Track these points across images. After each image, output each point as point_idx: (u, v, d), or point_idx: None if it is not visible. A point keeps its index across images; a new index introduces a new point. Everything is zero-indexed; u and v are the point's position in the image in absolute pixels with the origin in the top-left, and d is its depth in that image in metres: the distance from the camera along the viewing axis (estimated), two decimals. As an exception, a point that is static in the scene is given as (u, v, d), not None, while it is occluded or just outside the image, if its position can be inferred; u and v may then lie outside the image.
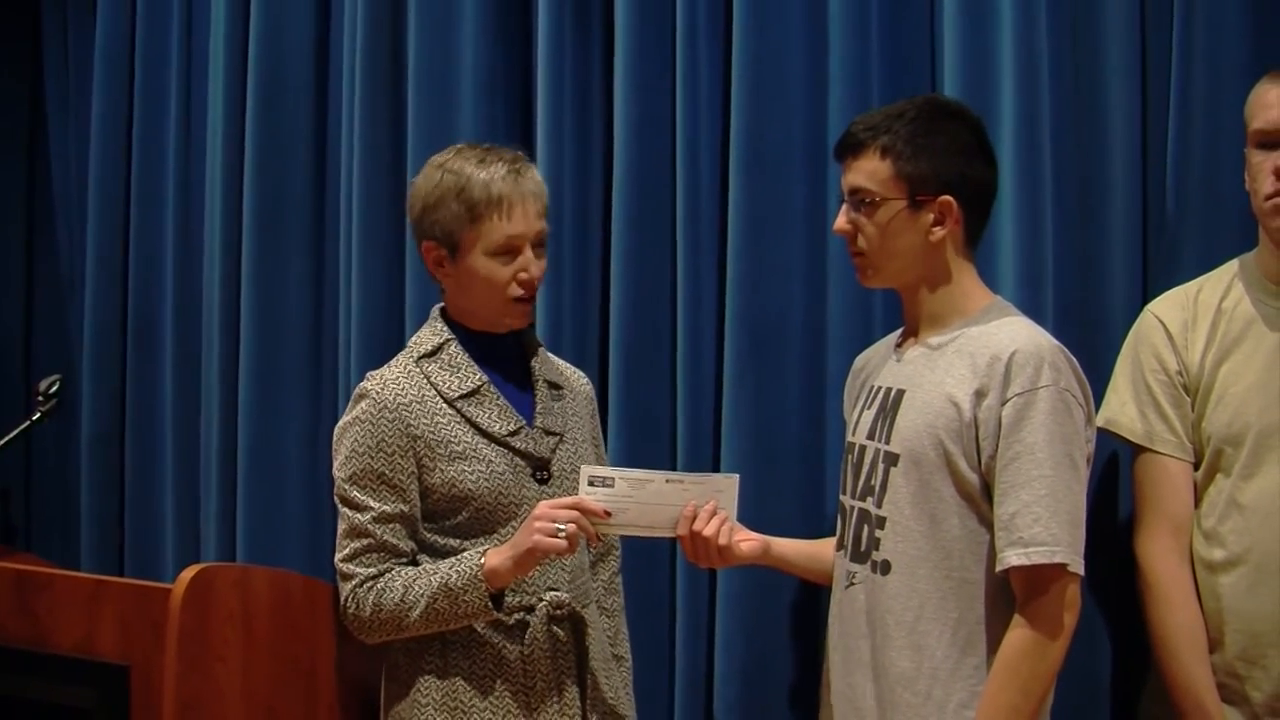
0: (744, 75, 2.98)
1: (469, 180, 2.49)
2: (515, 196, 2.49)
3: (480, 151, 2.54)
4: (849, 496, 2.47)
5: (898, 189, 2.37)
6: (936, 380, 2.36)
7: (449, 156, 2.55)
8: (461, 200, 2.49)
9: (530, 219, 2.51)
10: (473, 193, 2.48)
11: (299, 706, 2.61)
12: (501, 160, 2.51)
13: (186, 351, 3.75)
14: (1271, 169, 2.36)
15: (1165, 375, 2.51)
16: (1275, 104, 2.36)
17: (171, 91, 3.81)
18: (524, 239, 2.50)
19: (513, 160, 2.53)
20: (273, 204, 3.56)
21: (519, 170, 2.51)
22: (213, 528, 3.62)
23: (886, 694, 2.36)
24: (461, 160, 2.52)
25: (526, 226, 2.50)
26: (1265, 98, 2.38)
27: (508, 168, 2.50)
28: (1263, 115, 2.38)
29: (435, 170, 2.54)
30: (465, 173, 2.50)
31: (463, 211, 2.49)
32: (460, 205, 2.49)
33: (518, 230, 2.49)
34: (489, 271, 2.50)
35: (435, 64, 3.32)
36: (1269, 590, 2.39)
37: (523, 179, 2.51)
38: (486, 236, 2.49)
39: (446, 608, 2.42)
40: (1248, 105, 2.43)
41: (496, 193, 2.48)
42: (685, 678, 3.03)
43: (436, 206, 2.51)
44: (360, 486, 2.48)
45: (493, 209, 2.48)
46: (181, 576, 2.49)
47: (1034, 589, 2.25)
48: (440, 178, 2.52)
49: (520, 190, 2.50)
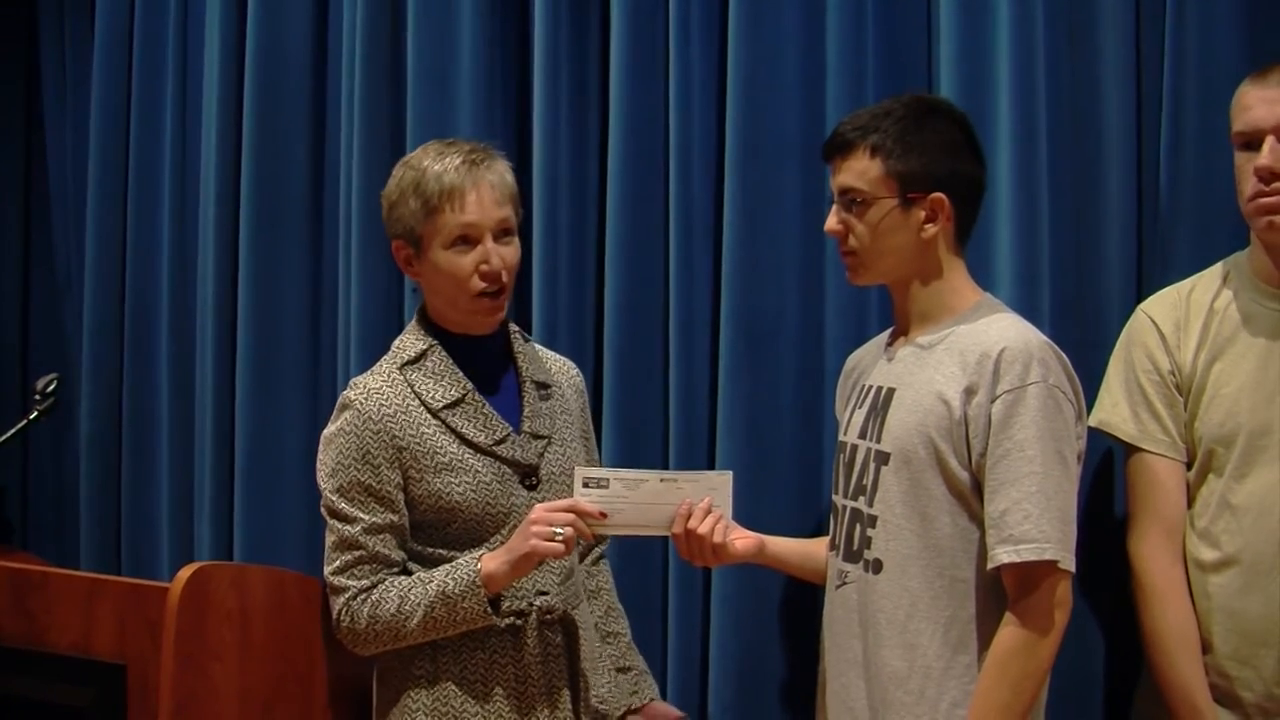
0: (739, 73, 2.99)
1: (424, 174, 2.48)
2: (467, 184, 2.46)
3: (442, 145, 2.53)
4: (841, 496, 2.48)
5: (888, 188, 2.37)
6: (926, 378, 2.36)
7: (415, 154, 2.55)
8: (418, 195, 2.47)
9: (486, 206, 2.47)
10: (427, 186, 2.47)
11: (295, 705, 2.61)
12: (459, 152, 2.49)
13: (183, 350, 3.75)
14: (1253, 170, 2.36)
15: (1158, 375, 2.51)
16: (1253, 105, 2.37)
17: (168, 91, 3.81)
18: (480, 228, 2.47)
19: (471, 150, 2.50)
20: (270, 203, 3.57)
21: (475, 160, 2.48)
22: (208, 527, 3.62)
23: (879, 693, 2.36)
24: (422, 155, 2.52)
25: (481, 215, 2.47)
26: (1244, 100, 2.39)
27: (463, 158, 2.48)
28: (1241, 117, 2.39)
29: (400, 168, 2.54)
30: (422, 166, 2.49)
31: (419, 206, 2.47)
32: (417, 200, 2.48)
33: (471, 219, 2.46)
34: (450, 265, 2.48)
35: (434, 62, 3.32)
36: (1260, 590, 2.40)
37: (478, 168, 2.48)
38: (443, 229, 2.47)
39: (444, 615, 2.42)
40: (1231, 107, 2.43)
41: (449, 183, 2.46)
42: (679, 678, 3.02)
43: (398, 203, 2.51)
44: (348, 499, 2.47)
45: (444, 200, 2.46)
46: (179, 575, 2.48)
47: (1025, 586, 2.26)
48: (403, 174, 2.52)
49: (474, 178, 2.47)
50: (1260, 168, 2.34)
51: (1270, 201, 2.35)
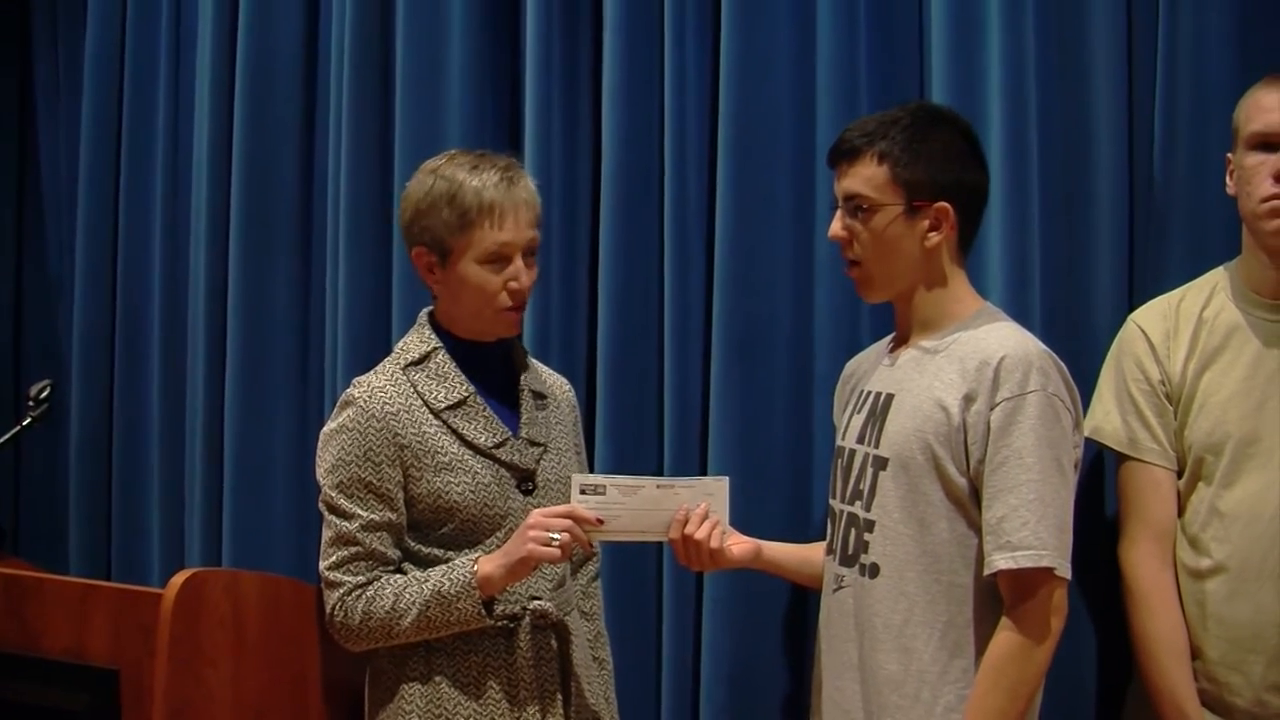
0: (732, 79, 2.99)
1: (461, 187, 2.47)
2: (507, 204, 2.47)
3: (474, 158, 2.52)
4: (838, 500, 2.48)
5: (894, 194, 2.38)
6: (925, 385, 2.37)
7: (442, 162, 2.53)
8: (453, 207, 2.47)
9: (522, 227, 2.49)
10: (465, 199, 2.47)
11: (288, 710, 2.61)
12: (495, 167, 2.50)
13: (173, 355, 3.74)
14: (1270, 171, 2.37)
15: (1148, 384, 2.52)
16: (1274, 108, 2.38)
17: (160, 96, 3.80)
18: (515, 247, 2.49)
19: (506, 167, 2.51)
20: (260, 206, 3.56)
21: (512, 178, 2.50)
22: (198, 531, 3.61)
23: (874, 697, 2.37)
24: (454, 166, 2.51)
25: (517, 235, 2.49)
26: (1264, 101, 2.40)
27: (500, 175, 2.49)
28: (1261, 118, 2.39)
29: (428, 176, 2.52)
30: (458, 179, 2.48)
31: (454, 218, 2.47)
32: (452, 212, 2.47)
33: (509, 238, 2.48)
34: (479, 279, 2.49)
35: (423, 64, 3.32)
36: (1249, 597, 2.41)
37: (515, 187, 2.49)
38: (478, 244, 2.47)
39: (439, 615, 2.43)
40: (1241, 109, 2.44)
41: (489, 200, 2.46)
42: (672, 682, 3.02)
43: (428, 213, 2.49)
44: (347, 495, 2.47)
45: (484, 216, 2.46)
46: (173, 581, 2.49)
47: (1021, 593, 2.27)
48: (433, 183, 2.50)
49: (513, 198, 2.48)
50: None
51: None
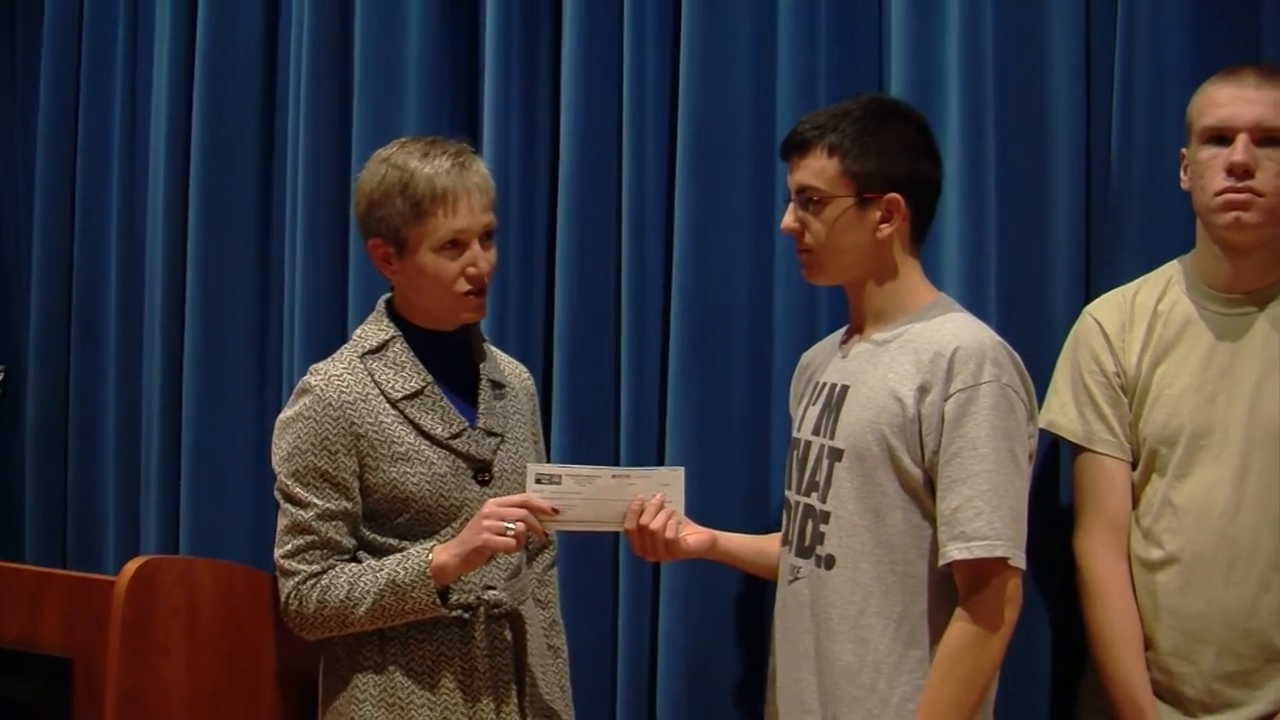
0: (692, 71, 2.99)
1: (413, 176, 2.45)
2: (460, 190, 2.46)
3: (424, 145, 2.51)
4: (794, 492, 2.49)
5: (845, 187, 2.38)
6: (880, 376, 2.38)
7: (393, 151, 2.51)
8: (406, 197, 2.45)
9: (476, 213, 2.48)
10: (417, 188, 2.45)
11: (242, 699, 2.60)
12: (445, 153, 2.48)
13: (130, 343, 3.72)
14: (1223, 166, 2.38)
15: (1103, 376, 2.54)
16: (1227, 102, 2.39)
17: (117, 82, 3.78)
18: (470, 233, 2.47)
19: (457, 153, 2.49)
20: (218, 196, 3.54)
21: (464, 163, 2.48)
22: (154, 519, 3.59)
23: (830, 688, 2.37)
24: (405, 154, 2.49)
25: (472, 221, 2.47)
26: (1217, 96, 2.41)
27: (452, 161, 2.47)
28: (1213, 113, 2.40)
29: (379, 165, 2.51)
30: (409, 168, 2.46)
31: (407, 208, 2.45)
32: (405, 202, 2.45)
33: (463, 225, 2.46)
34: (437, 268, 2.48)
35: (381, 56, 3.30)
36: (1201, 588, 2.42)
37: (468, 172, 2.48)
38: (433, 233, 2.46)
39: (393, 604, 2.42)
40: (1195, 104, 2.46)
41: (441, 187, 2.45)
42: (628, 673, 3.02)
43: (381, 203, 2.48)
44: (303, 483, 2.46)
45: (437, 205, 2.45)
46: (126, 568, 2.48)
47: (975, 583, 2.28)
48: (384, 173, 2.48)
49: (466, 184, 2.46)
50: (1235, 164, 2.37)
51: (1239, 198, 2.38)
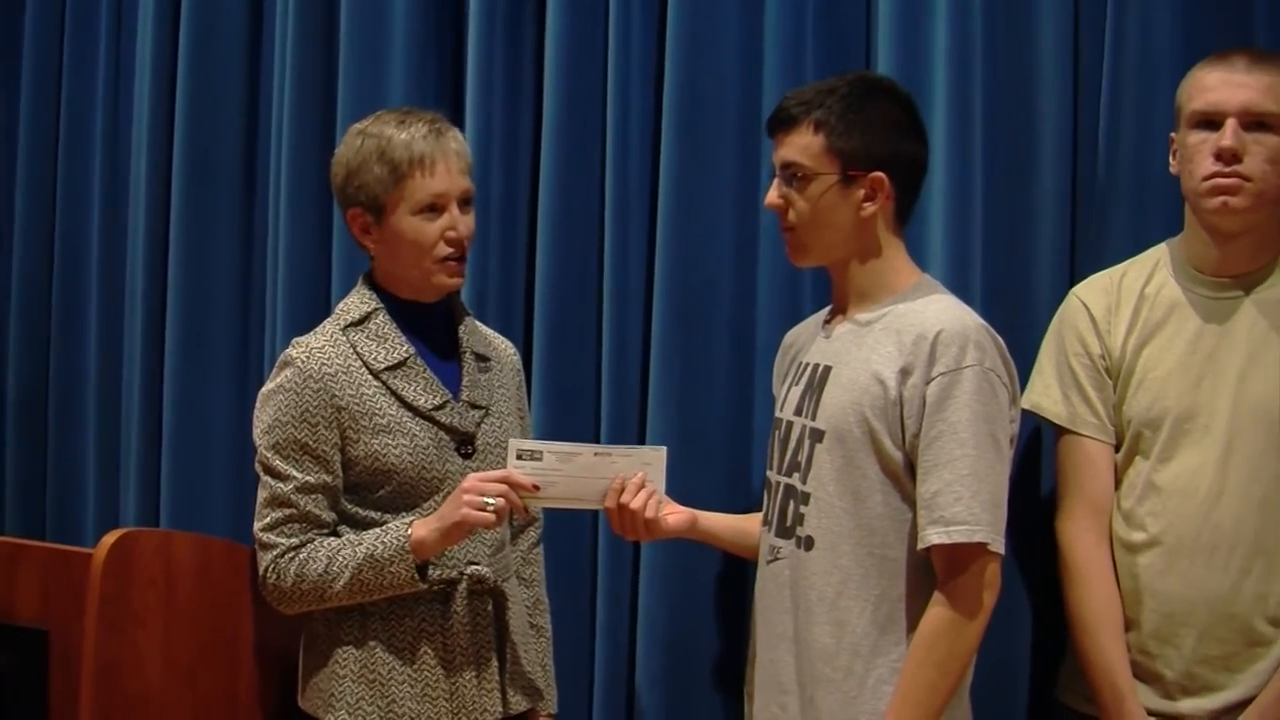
0: (678, 45, 2.97)
1: (390, 141, 2.49)
2: (438, 153, 2.49)
3: (399, 114, 2.55)
4: (775, 472, 2.48)
5: (830, 164, 2.37)
6: (863, 357, 2.37)
7: (368, 123, 2.55)
8: (384, 162, 2.48)
9: (454, 176, 2.51)
10: (394, 153, 2.48)
11: (220, 672, 2.60)
12: (422, 120, 2.52)
13: (112, 315, 3.70)
14: (1212, 150, 2.38)
15: (1088, 358, 2.53)
16: (1216, 87, 2.39)
17: (101, 50, 3.75)
18: (448, 196, 2.50)
19: (432, 120, 2.53)
20: (201, 167, 3.51)
21: (439, 129, 2.52)
22: (134, 492, 3.58)
23: (807, 668, 2.37)
24: (381, 124, 2.53)
25: (450, 184, 2.50)
26: (1205, 81, 2.42)
27: (428, 127, 2.51)
28: (1202, 97, 2.41)
29: (356, 136, 2.54)
30: (386, 134, 2.50)
31: (385, 173, 2.48)
32: (383, 167, 2.48)
33: (441, 187, 2.49)
34: (415, 231, 2.49)
35: (366, 25, 3.27)
36: (1182, 571, 2.43)
37: (444, 137, 2.52)
38: (411, 196, 2.48)
39: (372, 578, 2.42)
40: (1183, 89, 2.46)
41: (419, 151, 2.48)
42: (607, 651, 3.02)
43: (359, 171, 2.51)
44: (283, 456, 2.46)
45: (415, 167, 2.48)
46: (103, 541, 2.47)
47: (954, 567, 2.28)
48: (361, 143, 2.52)
49: (443, 148, 2.50)
50: (1224, 149, 2.37)
51: (1227, 183, 2.38)
